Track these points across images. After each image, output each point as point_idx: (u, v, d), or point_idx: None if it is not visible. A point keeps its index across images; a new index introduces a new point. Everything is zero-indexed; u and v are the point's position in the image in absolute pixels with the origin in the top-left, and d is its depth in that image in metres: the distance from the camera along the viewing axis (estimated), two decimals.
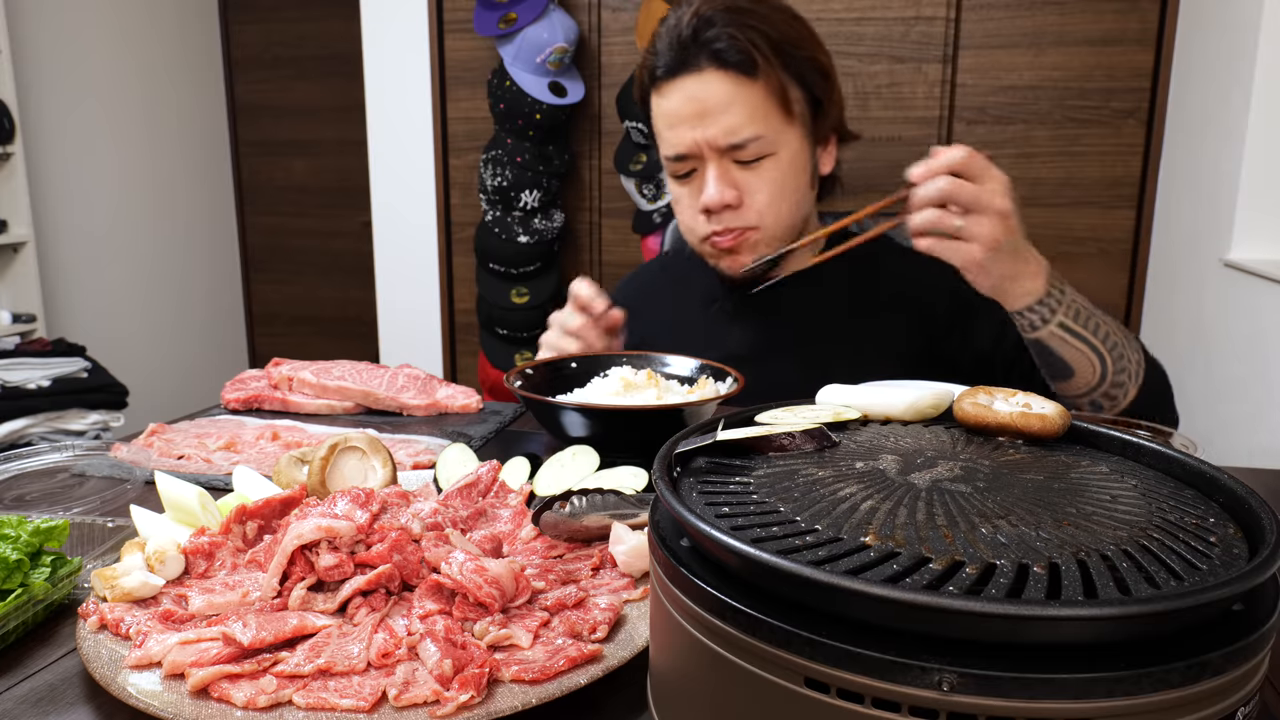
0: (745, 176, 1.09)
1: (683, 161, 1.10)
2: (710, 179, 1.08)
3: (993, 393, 0.57)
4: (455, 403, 1.19)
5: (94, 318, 3.53)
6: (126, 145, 3.64)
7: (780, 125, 1.08)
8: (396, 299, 3.08)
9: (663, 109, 1.10)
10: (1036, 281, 0.90)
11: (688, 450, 0.51)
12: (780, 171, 1.09)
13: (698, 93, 1.06)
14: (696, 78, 1.06)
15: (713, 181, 1.08)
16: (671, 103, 1.08)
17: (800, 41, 1.08)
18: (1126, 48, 2.46)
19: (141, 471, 0.95)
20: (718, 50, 1.04)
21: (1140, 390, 0.97)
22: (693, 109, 1.06)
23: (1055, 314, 0.91)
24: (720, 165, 1.08)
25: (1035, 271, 0.90)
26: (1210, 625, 0.35)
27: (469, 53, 2.85)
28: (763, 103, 1.06)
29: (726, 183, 1.08)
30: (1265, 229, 1.97)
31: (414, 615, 0.59)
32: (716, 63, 1.05)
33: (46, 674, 0.58)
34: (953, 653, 0.33)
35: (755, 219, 1.10)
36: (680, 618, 0.41)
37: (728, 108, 1.05)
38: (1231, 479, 0.45)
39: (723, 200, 1.08)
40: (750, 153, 1.07)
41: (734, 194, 1.08)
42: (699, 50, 1.05)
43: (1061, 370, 0.95)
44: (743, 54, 1.04)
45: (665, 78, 1.08)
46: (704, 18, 1.05)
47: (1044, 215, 2.59)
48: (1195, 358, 2.13)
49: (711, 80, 1.05)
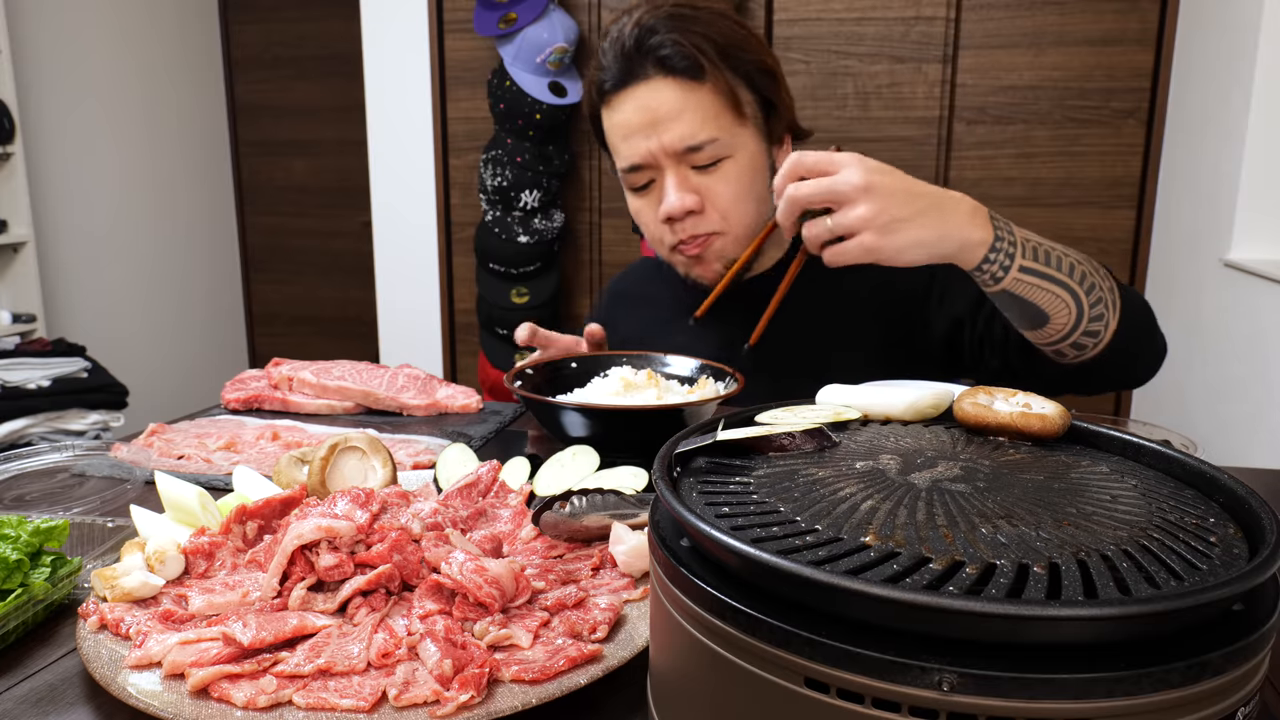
0: (704, 181, 1.08)
1: (639, 172, 1.09)
2: (669, 187, 1.08)
3: (993, 393, 0.57)
4: (455, 403, 1.19)
5: (94, 318, 3.53)
6: (126, 145, 3.64)
7: (734, 127, 1.07)
8: (396, 299, 3.08)
9: (615, 121, 1.09)
10: (979, 229, 0.83)
11: (688, 450, 0.51)
12: (739, 172, 1.08)
13: (648, 101, 1.05)
14: (645, 86, 1.05)
15: (672, 189, 1.07)
16: (623, 114, 1.07)
17: (744, 44, 1.07)
18: (1126, 48, 2.46)
19: (141, 471, 0.95)
20: (663, 57, 1.04)
21: (1121, 319, 0.91)
22: (644, 118, 1.06)
23: (1014, 259, 0.84)
24: (678, 172, 1.07)
25: (972, 218, 0.83)
26: (1210, 625, 0.35)
27: (469, 53, 2.85)
28: (713, 105, 1.05)
29: (686, 189, 1.07)
30: (1265, 229, 1.97)
31: (414, 615, 0.59)
32: (663, 70, 1.04)
33: (46, 674, 0.58)
34: (953, 653, 0.33)
35: (718, 223, 1.10)
36: (680, 618, 0.41)
37: (679, 113, 1.04)
38: (1231, 479, 0.45)
39: (684, 206, 1.07)
40: (707, 156, 1.06)
41: (694, 199, 1.07)
42: (644, 59, 1.05)
43: (1036, 317, 0.89)
44: (688, 59, 1.03)
45: (614, 90, 1.08)
46: (646, 26, 1.04)
47: (1044, 215, 2.59)
48: (1195, 358, 2.13)
49: (660, 87, 1.05)
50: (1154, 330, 0.99)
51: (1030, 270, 0.85)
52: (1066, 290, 0.87)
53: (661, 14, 1.05)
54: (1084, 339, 0.91)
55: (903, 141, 2.60)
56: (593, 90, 1.12)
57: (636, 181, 1.11)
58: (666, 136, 1.05)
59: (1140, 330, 0.95)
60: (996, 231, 0.83)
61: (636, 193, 1.13)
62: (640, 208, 1.14)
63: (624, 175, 1.12)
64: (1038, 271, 0.85)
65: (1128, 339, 0.94)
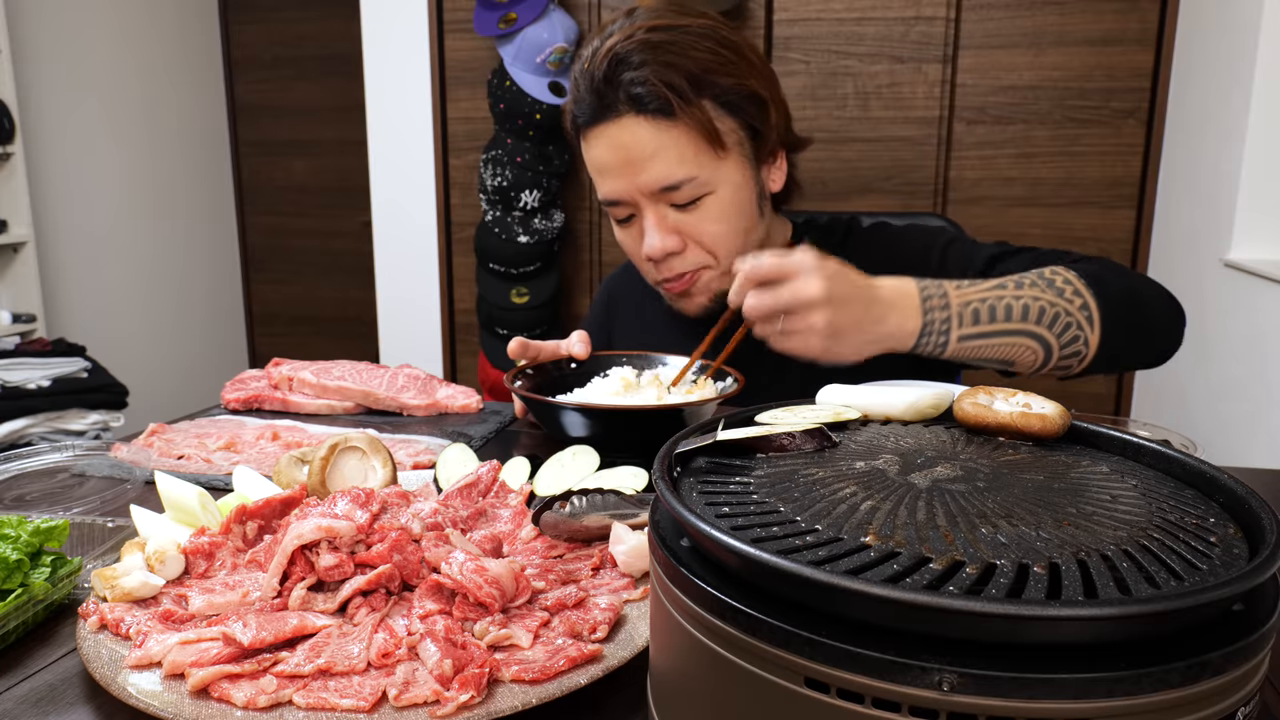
0: (685, 219, 1.05)
1: (619, 207, 1.07)
2: (649, 228, 1.05)
3: (993, 393, 0.57)
4: (455, 403, 1.19)
5: (94, 318, 3.53)
6: (126, 145, 3.64)
7: (712, 162, 1.03)
8: (396, 299, 3.08)
9: (590, 157, 1.06)
10: (907, 319, 0.85)
11: (688, 450, 0.51)
12: (721, 208, 1.04)
13: (621, 141, 1.01)
14: (616, 125, 1.01)
15: (652, 230, 1.04)
16: (597, 151, 1.04)
17: (724, 69, 1.01)
18: (1126, 48, 2.46)
19: (141, 471, 0.95)
20: (635, 95, 0.99)
21: (1104, 329, 0.91)
22: (618, 158, 1.02)
23: (948, 334, 0.86)
24: (657, 211, 1.04)
25: (904, 314, 0.85)
26: (1210, 625, 0.35)
27: (469, 53, 2.85)
28: (689, 143, 1.01)
29: (665, 229, 1.04)
30: (1265, 229, 1.97)
31: (414, 615, 0.59)
32: (635, 107, 1.00)
33: (46, 674, 0.58)
34: (953, 653, 0.33)
35: (702, 259, 1.07)
36: (680, 618, 0.41)
37: (654, 154, 1.00)
38: (1231, 479, 0.45)
39: (664, 249, 1.05)
40: (685, 195, 1.03)
41: (675, 240, 1.05)
42: (614, 94, 1.00)
43: (1000, 365, 0.91)
44: (658, 97, 0.98)
45: (587, 125, 1.04)
46: (618, 56, 0.99)
47: (1044, 215, 2.59)
48: (1195, 358, 2.13)
49: (631, 126, 1.00)
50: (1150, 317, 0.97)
51: (974, 335, 0.87)
52: (1026, 336, 0.88)
53: (634, 42, 0.99)
54: (1064, 363, 0.92)
55: (903, 141, 2.60)
56: (569, 119, 1.09)
57: (618, 215, 1.09)
58: (642, 178, 1.02)
59: (1134, 327, 0.94)
60: (926, 315, 0.85)
61: (619, 224, 1.11)
62: (623, 239, 1.12)
63: (605, 208, 1.10)
64: (984, 333, 0.87)
65: (1120, 343, 0.93)
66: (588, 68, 1.02)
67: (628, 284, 1.35)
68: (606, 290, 1.38)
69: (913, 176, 2.61)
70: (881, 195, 2.63)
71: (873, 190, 2.65)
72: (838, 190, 2.66)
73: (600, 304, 1.37)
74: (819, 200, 2.65)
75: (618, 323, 1.32)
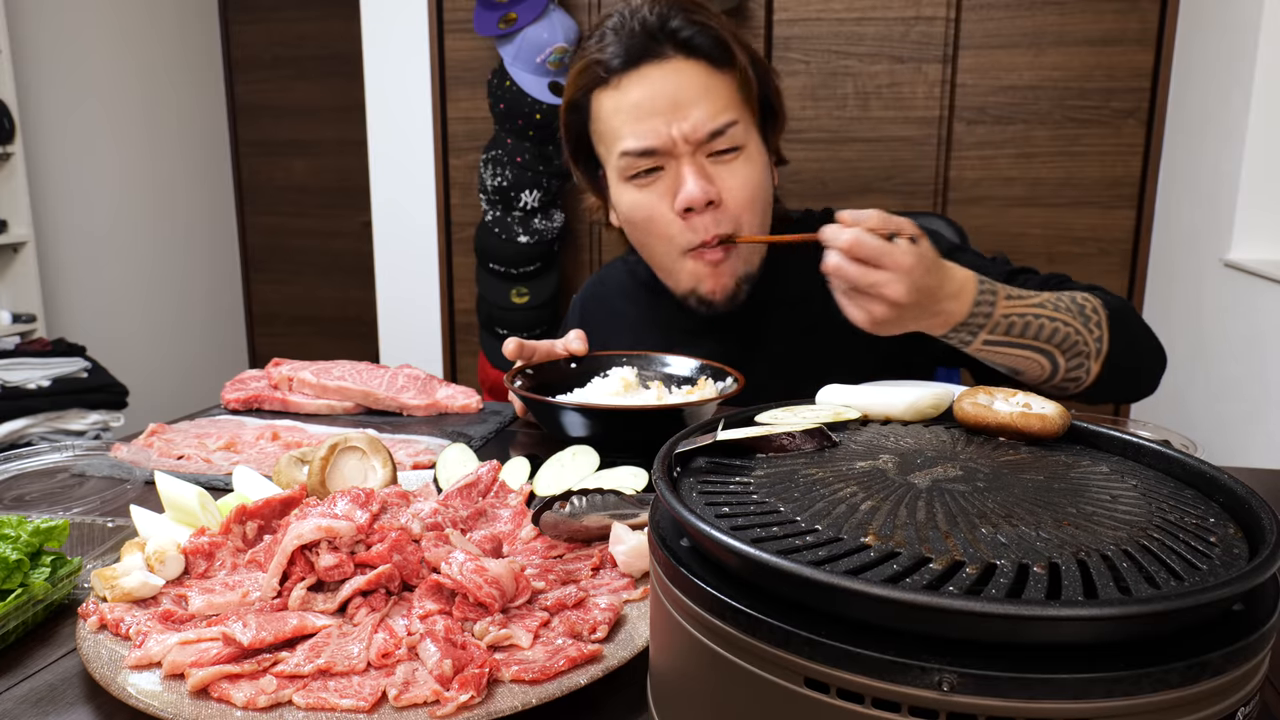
0: (719, 171, 1.03)
1: (648, 157, 1.03)
2: (689, 175, 1.01)
3: (993, 393, 0.57)
4: (455, 403, 1.19)
5: (94, 318, 3.53)
6: (126, 145, 3.64)
7: (748, 118, 1.05)
8: (396, 299, 3.08)
9: (623, 103, 1.03)
10: (954, 315, 0.87)
11: (688, 450, 0.51)
12: (751, 168, 1.05)
13: (668, 82, 1.00)
14: (664, 67, 1.01)
15: (690, 177, 1.01)
16: (636, 94, 1.01)
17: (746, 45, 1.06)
18: (1126, 48, 2.46)
19: (141, 471, 0.95)
20: (687, 38, 1.01)
21: (1106, 364, 0.95)
22: (665, 99, 1.00)
23: (977, 335, 0.89)
24: (695, 162, 1.02)
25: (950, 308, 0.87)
26: (1210, 625, 0.35)
27: (469, 53, 2.85)
28: (735, 95, 1.03)
29: (705, 177, 1.02)
30: (1265, 229, 1.97)
31: (414, 615, 0.59)
32: (685, 50, 1.01)
33: (46, 674, 0.58)
34: (953, 653, 0.33)
35: (732, 222, 1.04)
36: (680, 618, 0.41)
37: (702, 96, 1.00)
38: (1231, 479, 0.45)
39: (705, 196, 1.01)
40: (726, 141, 1.02)
41: (714, 189, 1.02)
42: (663, 38, 1.01)
43: (1008, 371, 0.95)
44: (718, 43, 1.01)
45: (623, 69, 1.02)
46: (660, 10, 1.02)
47: (1044, 215, 2.59)
48: (1195, 358, 2.13)
49: (682, 69, 1.01)
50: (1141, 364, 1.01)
51: (999, 342, 0.90)
52: (1041, 354, 0.92)
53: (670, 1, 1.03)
54: (1064, 384, 0.96)
55: (903, 141, 2.60)
56: (586, 74, 1.05)
57: (640, 166, 1.03)
58: (689, 121, 1.00)
59: (1125, 374, 0.98)
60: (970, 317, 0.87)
61: (637, 182, 1.05)
62: (643, 202, 1.05)
63: (627, 161, 1.04)
64: (1010, 343, 0.90)
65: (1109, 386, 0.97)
66: (626, 19, 1.03)
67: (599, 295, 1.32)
68: (578, 309, 1.35)
69: (913, 176, 2.61)
70: (881, 195, 2.63)
71: (873, 190, 2.65)
72: (838, 190, 2.66)
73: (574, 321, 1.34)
74: (819, 200, 2.65)
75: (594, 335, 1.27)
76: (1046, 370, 0.93)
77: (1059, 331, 0.91)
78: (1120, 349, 0.96)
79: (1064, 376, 0.95)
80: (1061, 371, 0.94)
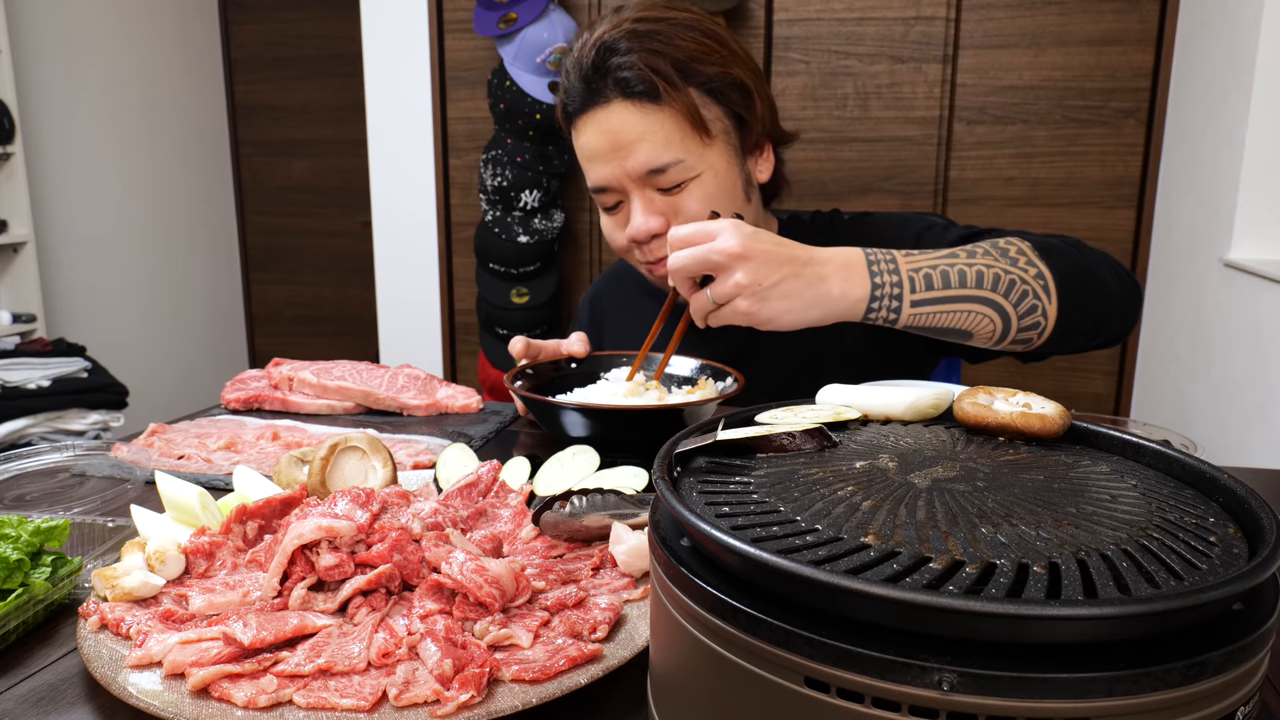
0: (671, 202, 1.06)
1: (607, 194, 1.09)
2: (635, 210, 1.07)
3: (993, 393, 0.57)
4: (455, 403, 1.19)
5: (94, 318, 3.53)
6: (126, 145, 3.64)
7: (698, 148, 1.05)
8: (396, 299, 3.08)
9: (580, 144, 1.09)
10: (855, 285, 0.84)
11: (688, 450, 0.51)
12: (705, 193, 1.06)
13: (609, 125, 1.04)
14: (605, 110, 1.04)
15: (637, 212, 1.07)
16: (586, 137, 1.07)
17: (708, 58, 1.04)
18: (1126, 48, 2.46)
19: (141, 471, 0.95)
20: (622, 80, 1.02)
21: (1061, 300, 0.90)
22: (606, 142, 1.05)
23: (901, 299, 0.85)
24: (644, 195, 1.06)
25: (846, 275, 0.84)
26: (1210, 625, 0.35)
27: (469, 53, 2.85)
28: (676, 127, 1.03)
29: (652, 211, 1.06)
30: (1265, 229, 1.97)
31: (414, 615, 0.59)
32: (622, 93, 1.03)
33: (47, 674, 0.58)
34: (953, 653, 0.33)
35: None
36: (680, 618, 0.41)
37: (640, 137, 1.03)
38: (1231, 479, 0.45)
39: (648, 230, 1.06)
40: (671, 179, 1.05)
41: (659, 221, 1.06)
42: (603, 81, 1.03)
43: (957, 335, 0.90)
44: (645, 81, 1.02)
45: (577, 113, 1.07)
46: (606, 45, 1.03)
47: (1044, 215, 2.59)
48: (1195, 358, 2.13)
49: (620, 111, 1.03)
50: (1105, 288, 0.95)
51: (927, 300, 0.86)
52: (981, 303, 0.88)
53: (622, 31, 1.03)
54: (1023, 335, 0.91)
55: (903, 141, 2.60)
56: (560, 109, 1.12)
57: (606, 202, 1.10)
58: (629, 161, 1.04)
59: (1091, 299, 0.93)
60: (874, 279, 0.84)
61: (607, 212, 1.12)
62: (609, 227, 1.13)
63: (593, 195, 1.12)
64: (937, 299, 0.86)
65: (1078, 316, 0.92)
66: (577, 57, 1.06)
67: (612, 289, 1.35)
68: (590, 302, 1.38)
69: (913, 177, 2.61)
70: (881, 195, 2.63)
71: (873, 190, 2.65)
72: (838, 190, 2.66)
73: (584, 317, 1.37)
74: (819, 200, 2.65)
75: (607, 329, 1.32)
76: (998, 322, 0.89)
77: (984, 274, 0.87)
78: (1069, 277, 0.91)
79: (1020, 325, 0.90)
80: (1014, 319, 0.89)
